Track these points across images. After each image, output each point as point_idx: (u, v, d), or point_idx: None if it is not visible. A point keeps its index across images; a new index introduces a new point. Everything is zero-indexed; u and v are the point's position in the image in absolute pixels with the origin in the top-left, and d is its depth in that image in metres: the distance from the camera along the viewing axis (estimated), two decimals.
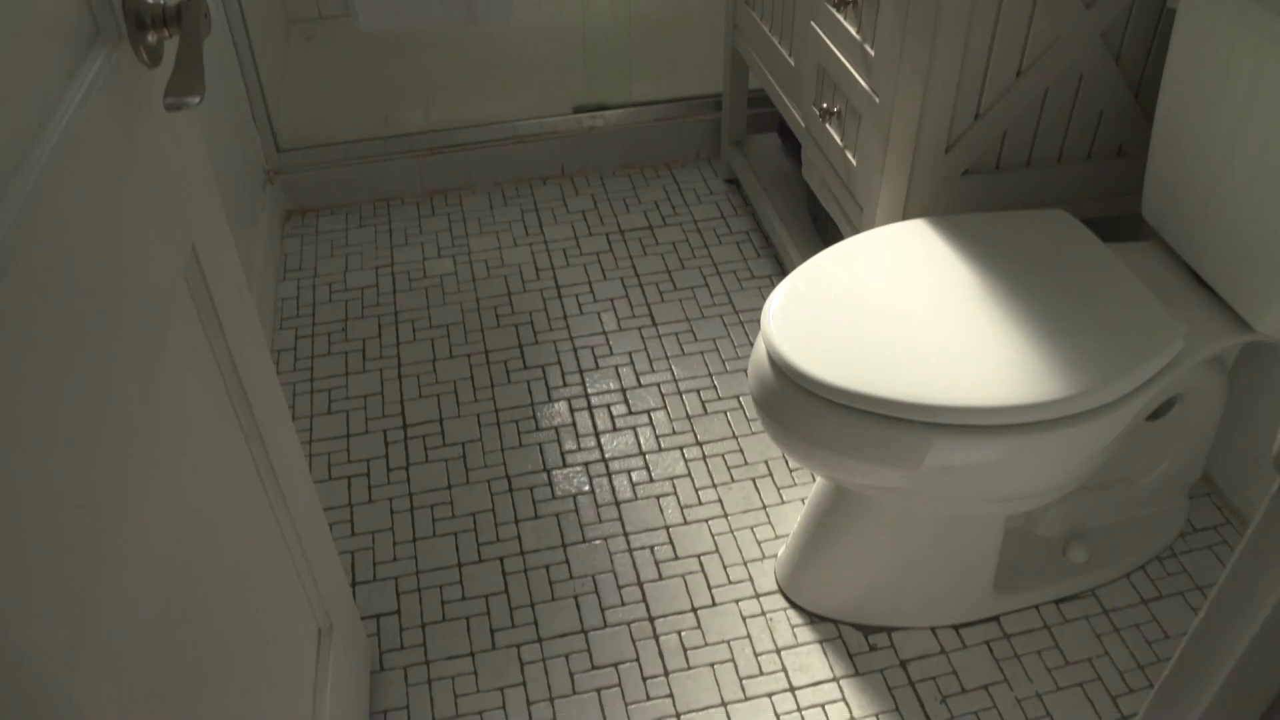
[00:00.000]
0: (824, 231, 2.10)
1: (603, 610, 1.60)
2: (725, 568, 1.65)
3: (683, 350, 2.04)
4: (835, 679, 1.51)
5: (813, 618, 1.58)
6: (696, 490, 1.77)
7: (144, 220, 0.79)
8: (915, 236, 1.49)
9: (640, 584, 1.63)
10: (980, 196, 1.66)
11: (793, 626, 1.57)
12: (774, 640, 1.56)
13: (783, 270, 2.21)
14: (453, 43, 2.84)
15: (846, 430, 1.27)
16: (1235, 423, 1.70)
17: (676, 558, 1.67)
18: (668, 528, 1.71)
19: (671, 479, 1.79)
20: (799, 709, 1.47)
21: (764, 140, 2.46)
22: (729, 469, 1.80)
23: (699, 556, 1.67)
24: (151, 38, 0.82)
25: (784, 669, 1.52)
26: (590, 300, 2.17)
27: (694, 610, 1.59)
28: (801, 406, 1.29)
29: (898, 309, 1.36)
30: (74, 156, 0.67)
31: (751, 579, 1.64)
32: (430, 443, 1.87)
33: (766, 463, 1.81)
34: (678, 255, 2.28)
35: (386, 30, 1.94)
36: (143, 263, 0.78)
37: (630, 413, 1.91)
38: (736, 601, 1.60)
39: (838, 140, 1.76)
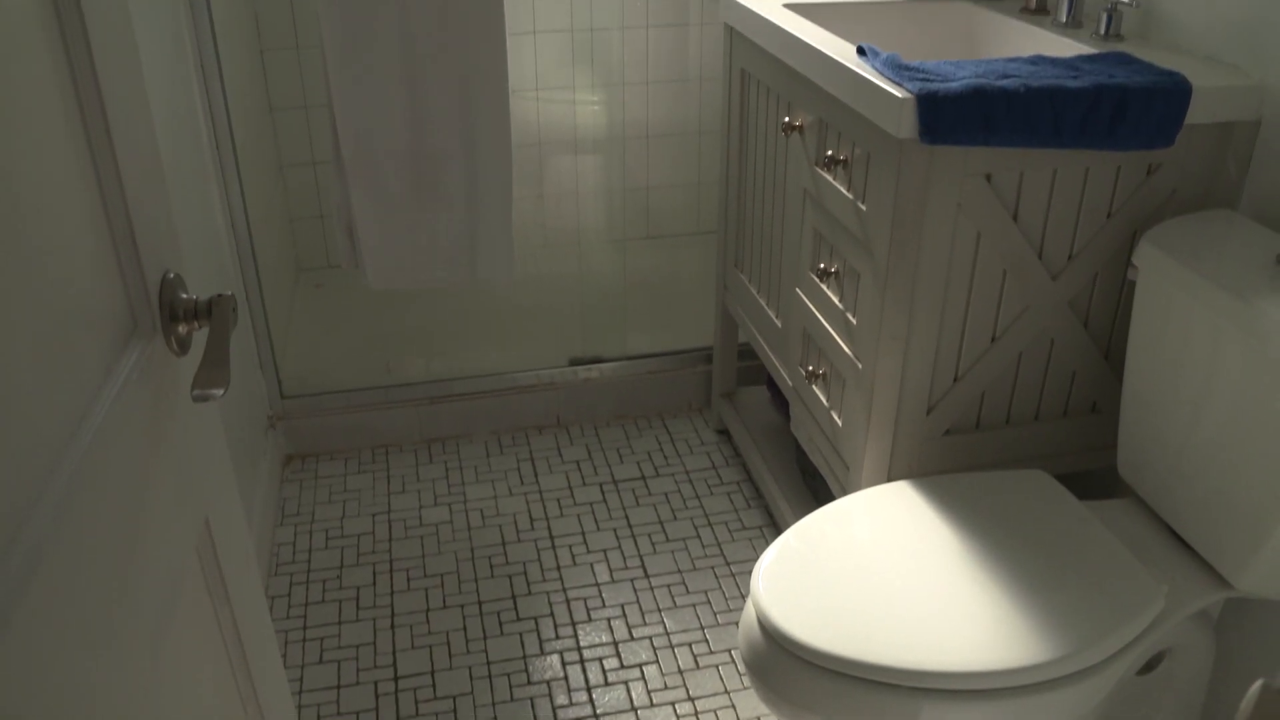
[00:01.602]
0: (813, 484, 2.15)
1: None
2: None
3: (675, 603, 2.05)
4: None
5: None
6: None
7: (164, 499, 0.84)
8: (900, 499, 1.54)
9: None
10: (962, 454, 1.72)
11: None
12: None
13: (773, 521, 2.25)
14: (455, 295, 2.97)
15: (835, 696, 1.28)
16: (1228, 674, 1.70)
17: None
18: None
19: None
20: None
21: (753, 393, 2.54)
22: None
23: None
24: (182, 329, 0.89)
25: None
26: (584, 551, 2.19)
27: None
28: (790, 671, 1.31)
29: (884, 572, 1.39)
30: (106, 450, 0.72)
31: None
32: (421, 695, 1.85)
33: (759, 719, 1.80)
34: (670, 506, 2.32)
35: (395, 288, 2.04)
36: (159, 537, 0.82)
37: (622, 666, 1.90)
38: None
39: (824, 401, 1.83)
